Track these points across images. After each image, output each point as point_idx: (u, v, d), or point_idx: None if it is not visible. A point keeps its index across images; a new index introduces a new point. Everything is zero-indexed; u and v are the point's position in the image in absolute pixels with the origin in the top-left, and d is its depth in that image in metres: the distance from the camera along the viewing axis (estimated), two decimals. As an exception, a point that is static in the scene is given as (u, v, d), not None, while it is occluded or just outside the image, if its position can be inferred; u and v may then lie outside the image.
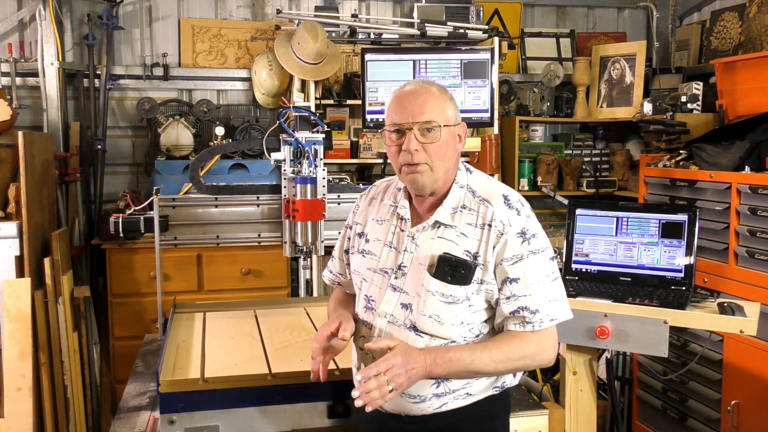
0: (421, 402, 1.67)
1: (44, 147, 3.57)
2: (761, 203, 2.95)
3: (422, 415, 1.68)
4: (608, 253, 2.61)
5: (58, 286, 3.33)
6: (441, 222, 1.68)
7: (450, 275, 1.62)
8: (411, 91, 1.68)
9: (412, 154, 1.63)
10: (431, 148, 1.64)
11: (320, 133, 2.81)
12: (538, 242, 1.66)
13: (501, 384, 1.73)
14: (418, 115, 1.64)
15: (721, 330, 2.64)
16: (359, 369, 1.75)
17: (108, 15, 4.07)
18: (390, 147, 1.69)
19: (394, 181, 1.85)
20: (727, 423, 3.08)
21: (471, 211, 1.68)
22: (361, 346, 1.75)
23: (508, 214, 1.65)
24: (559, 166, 4.56)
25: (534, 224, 1.68)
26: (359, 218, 1.88)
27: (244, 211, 2.88)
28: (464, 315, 1.64)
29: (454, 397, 1.67)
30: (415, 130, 1.63)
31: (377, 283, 1.74)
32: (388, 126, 1.68)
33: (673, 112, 3.77)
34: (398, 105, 1.67)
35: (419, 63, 3.60)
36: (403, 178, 1.70)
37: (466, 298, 1.63)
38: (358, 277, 1.81)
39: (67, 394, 3.34)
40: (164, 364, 2.04)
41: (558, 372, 2.54)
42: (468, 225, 1.67)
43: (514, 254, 1.63)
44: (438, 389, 1.66)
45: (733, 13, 4.23)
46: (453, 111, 1.69)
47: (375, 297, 1.73)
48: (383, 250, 1.75)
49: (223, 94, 4.41)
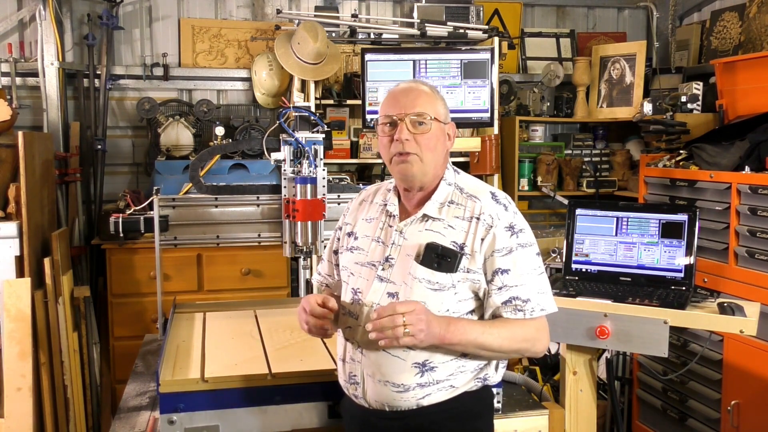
0: (405, 391, 1.68)
1: (44, 147, 3.57)
2: (761, 203, 2.95)
3: (406, 410, 1.69)
4: (608, 253, 2.61)
5: (58, 286, 3.33)
6: (429, 215, 1.73)
7: (437, 263, 1.67)
8: (404, 87, 1.77)
9: (403, 143, 1.69)
10: (422, 139, 1.70)
11: (320, 133, 2.81)
12: (526, 237, 1.72)
13: (484, 376, 1.75)
14: (410, 108, 1.71)
15: (721, 330, 2.65)
16: (342, 358, 1.79)
17: (108, 15, 4.07)
18: (382, 138, 1.75)
19: (384, 184, 1.92)
20: (727, 423, 3.08)
21: (459, 206, 1.74)
22: (346, 337, 1.79)
23: (496, 208, 1.71)
24: (559, 166, 4.56)
25: (521, 220, 1.74)
26: (349, 219, 1.92)
27: (244, 211, 2.88)
28: (450, 303, 1.68)
29: (438, 388, 1.69)
30: (407, 121, 1.70)
31: (364, 275, 1.77)
32: (381, 118, 1.75)
33: (673, 112, 3.77)
34: (391, 99, 1.76)
35: (419, 63, 3.60)
36: (394, 168, 1.75)
37: (452, 286, 1.67)
38: (346, 272, 1.84)
39: (67, 394, 3.34)
40: (164, 364, 2.04)
41: (558, 372, 2.54)
42: (455, 218, 1.72)
43: (504, 246, 1.68)
44: (422, 378, 1.68)
45: (733, 13, 4.24)
46: (443, 109, 1.76)
47: (362, 288, 1.76)
48: (371, 244, 1.79)
49: (223, 94, 4.41)
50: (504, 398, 2.13)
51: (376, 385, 1.70)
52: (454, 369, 1.70)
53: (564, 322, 2.32)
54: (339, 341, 1.84)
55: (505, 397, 2.14)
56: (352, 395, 1.77)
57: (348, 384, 1.78)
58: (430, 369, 1.68)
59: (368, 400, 1.73)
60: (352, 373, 1.76)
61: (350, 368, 1.76)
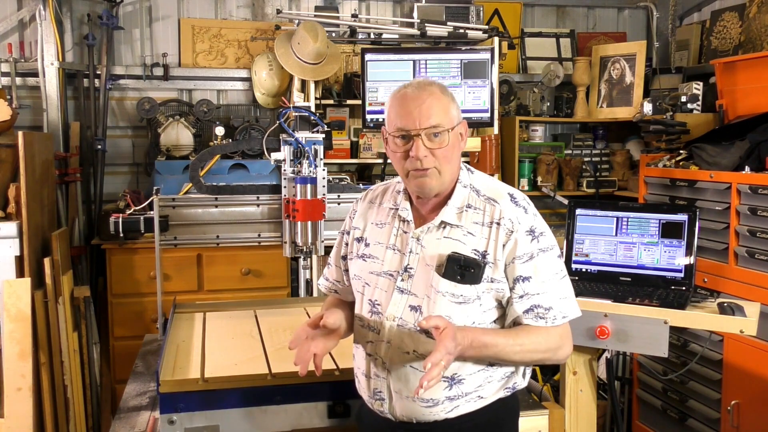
0: (434, 406, 1.63)
1: (44, 147, 3.57)
2: (761, 203, 2.95)
3: (433, 422, 1.64)
4: (608, 253, 2.60)
5: (58, 286, 3.33)
6: (447, 222, 1.66)
7: (460, 275, 1.59)
8: (414, 95, 1.63)
9: (421, 161, 1.60)
10: (439, 152, 1.62)
11: (320, 133, 2.81)
12: (547, 240, 1.66)
13: (512, 385, 1.71)
14: (425, 121, 1.60)
15: (721, 330, 2.64)
16: (365, 374, 1.72)
17: (108, 15, 4.07)
18: (395, 153, 1.65)
19: (392, 183, 1.83)
20: (727, 423, 3.08)
21: (477, 210, 1.66)
22: (368, 352, 1.71)
23: (516, 212, 1.65)
24: (559, 166, 4.56)
25: (541, 222, 1.68)
26: (357, 222, 1.83)
27: (244, 211, 2.88)
28: (475, 315, 1.63)
29: (466, 400, 1.65)
30: (423, 136, 1.60)
31: (382, 286, 1.69)
32: (393, 132, 1.64)
33: (673, 112, 3.77)
34: (402, 109, 1.62)
35: (419, 63, 3.60)
36: (410, 182, 1.66)
37: (477, 298, 1.61)
38: (360, 282, 1.77)
39: (67, 394, 3.34)
40: (164, 364, 2.04)
41: (558, 372, 2.54)
42: (474, 224, 1.65)
43: (525, 252, 1.62)
44: (450, 392, 1.63)
45: (733, 13, 4.23)
46: (456, 111, 1.67)
47: (381, 301, 1.69)
48: (386, 253, 1.71)
49: (223, 94, 4.41)
50: (504, 398, 2.13)
51: (404, 401, 1.65)
52: (482, 380, 1.66)
53: (564, 322, 2.32)
54: (358, 355, 1.77)
55: (505, 397, 2.14)
56: (378, 411, 1.70)
57: (373, 400, 1.71)
58: (459, 382, 1.63)
59: (395, 415, 1.67)
60: (377, 389, 1.69)
61: (375, 384, 1.70)
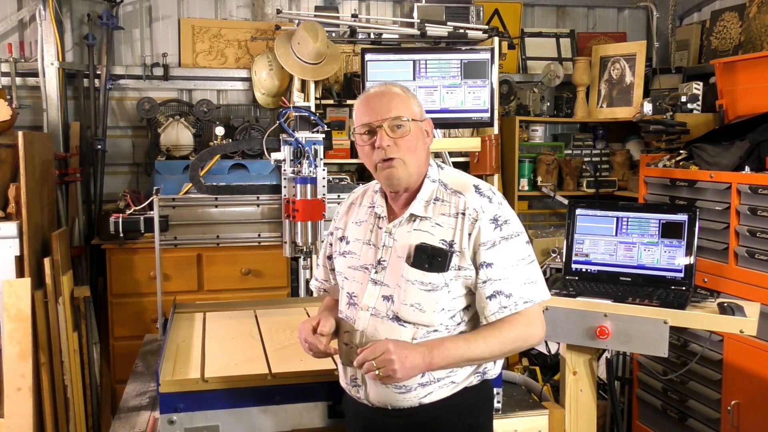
0: (407, 392, 1.70)
1: (44, 147, 3.57)
2: (761, 203, 2.95)
3: (408, 408, 1.71)
4: (608, 253, 2.61)
5: (58, 286, 3.33)
6: (416, 215, 1.74)
7: (428, 263, 1.68)
8: (375, 92, 1.76)
9: (385, 150, 1.70)
10: (402, 142, 1.71)
11: (320, 133, 2.82)
12: (511, 228, 1.71)
13: (483, 370, 1.77)
14: (386, 113, 1.71)
15: (721, 330, 2.64)
16: (345, 364, 1.81)
17: (108, 15, 4.07)
18: (363, 147, 1.76)
19: (371, 185, 1.92)
20: (727, 423, 3.08)
21: (444, 203, 1.74)
22: (345, 342, 1.80)
23: (480, 201, 1.71)
24: (559, 166, 4.56)
25: (506, 210, 1.73)
26: (339, 223, 1.93)
27: (244, 211, 2.88)
28: (444, 302, 1.69)
29: (439, 386, 1.71)
30: (385, 127, 1.71)
31: (358, 279, 1.79)
32: (359, 128, 1.75)
33: (673, 112, 3.77)
34: (366, 107, 1.75)
35: (419, 63, 3.60)
36: (379, 175, 1.76)
37: (445, 285, 1.68)
38: (341, 277, 1.87)
39: (67, 394, 3.34)
40: (164, 364, 2.04)
41: (558, 372, 2.54)
42: (442, 215, 1.73)
43: (488, 240, 1.68)
44: (423, 378, 1.69)
45: (733, 13, 4.24)
46: (418, 107, 1.77)
47: (357, 292, 1.78)
48: (362, 248, 1.81)
49: (223, 94, 4.41)
50: (504, 398, 2.13)
51: (378, 388, 1.72)
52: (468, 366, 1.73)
53: (564, 322, 2.33)
54: (339, 345, 1.85)
55: (505, 397, 2.15)
56: (355, 397, 1.79)
57: (350, 386, 1.80)
58: None
59: (371, 400, 1.75)
60: (353, 376, 1.78)
61: (351, 372, 1.78)
